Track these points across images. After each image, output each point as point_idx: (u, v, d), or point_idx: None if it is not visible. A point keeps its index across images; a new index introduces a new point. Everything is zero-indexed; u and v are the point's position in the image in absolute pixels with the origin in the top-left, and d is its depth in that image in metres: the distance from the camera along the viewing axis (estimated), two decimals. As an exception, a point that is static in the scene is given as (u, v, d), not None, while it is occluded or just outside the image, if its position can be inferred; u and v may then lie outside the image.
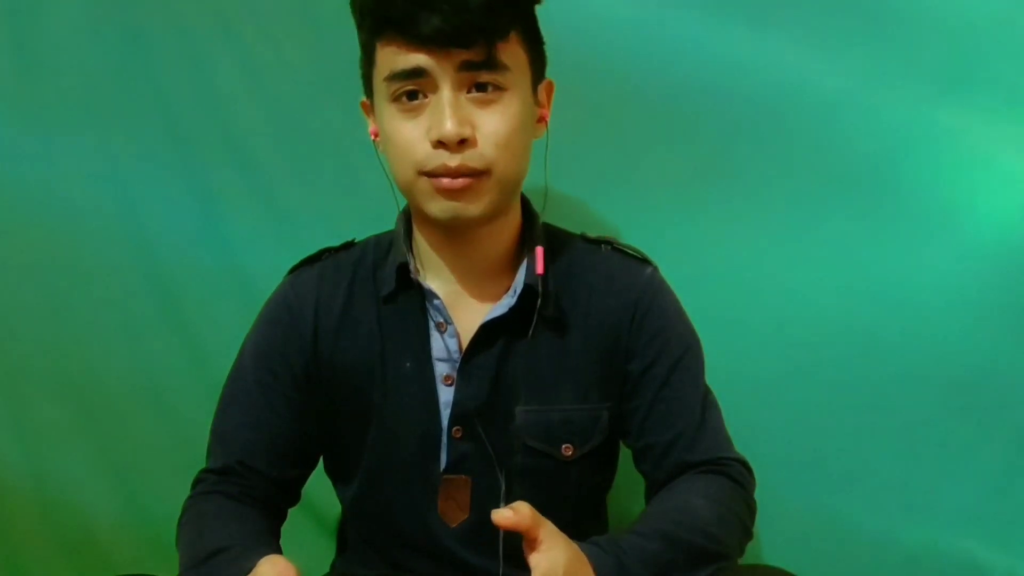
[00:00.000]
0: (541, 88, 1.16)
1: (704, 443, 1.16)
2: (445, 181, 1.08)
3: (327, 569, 1.28)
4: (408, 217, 1.20)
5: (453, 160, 1.07)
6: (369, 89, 1.15)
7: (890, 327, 1.40)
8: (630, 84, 1.43)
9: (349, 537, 1.28)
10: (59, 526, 1.53)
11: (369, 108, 1.17)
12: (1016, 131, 1.37)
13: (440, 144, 1.07)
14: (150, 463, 1.51)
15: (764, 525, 1.41)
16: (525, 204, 1.21)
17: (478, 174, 1.08)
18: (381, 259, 1.20)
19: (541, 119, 1.17)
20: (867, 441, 1.40)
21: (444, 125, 1.06)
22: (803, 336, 1.42)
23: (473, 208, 1.09)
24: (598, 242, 1.24)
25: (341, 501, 1.28)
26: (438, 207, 1.10)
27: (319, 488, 1.41)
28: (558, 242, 1.22)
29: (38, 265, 1.51)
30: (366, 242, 1.24)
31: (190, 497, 1.17)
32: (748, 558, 1.38)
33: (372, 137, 1.17)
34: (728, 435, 1.19)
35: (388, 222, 1.24)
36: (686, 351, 1.19)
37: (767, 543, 1.43)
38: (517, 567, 1.12)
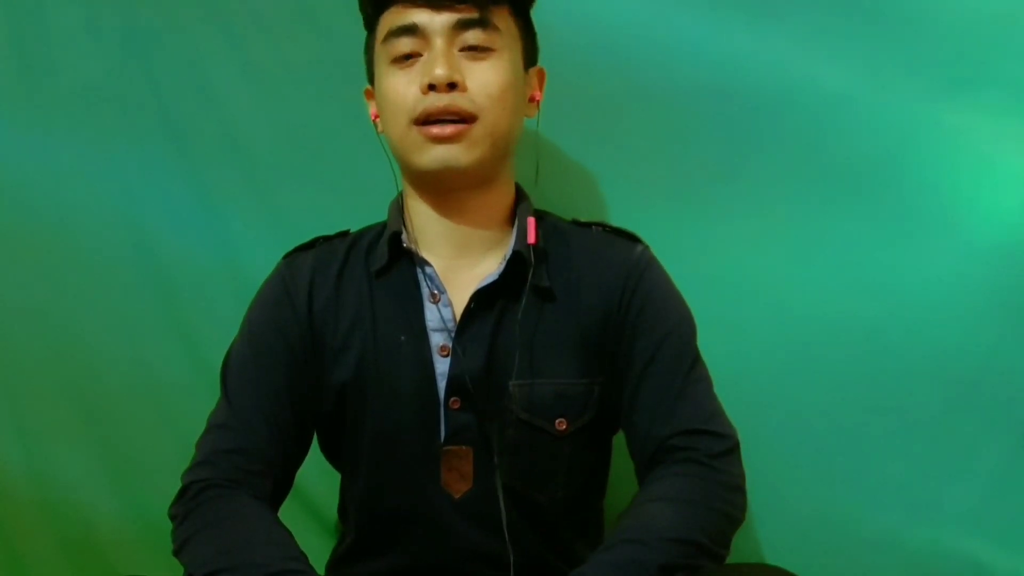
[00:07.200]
0: (532, 72, 1.22)
1: (680, 415, 1.15)
2: (435, 129, 1.13)
3: (324, 567, 1.28)
4: (401, 199, 1.23)
5: (442, 100, 1.12)
6: (371, 74, 1.21)
7: (892, 326, 1.40)
8: (631, 84, 1.43)
9: (347, 529, 1.28)
10: (59, 526, 1.53)
11: (371, 94, 1.23)
12: (1019, 130, 1.37)
13: (431, 89, 1.12)
14: (150, 463, 1.51)
15: (764, 525, 1.42)
16: (518, 187, 1.25)
17: (467, 119, 1.13)
18: (375, 240, 1.23)
19: (532, 99, 1.22)
20: (868, 440, 1.40)
21: (435, 69, 1.12)
22: (804, 335, 1.41)
23: (464, 157, 1.14)
24: (589, 224, 1.27)
25: (341, 486, 1.28)
26: (429, 156, 1.14)
27: (318, 485, 1.41)
28: (550, 223, 1.25)
29: (38, 265, 1.51)
30: (360, 230, 1.27)
31: (196, 497, 1.13)
32: (749, 557, 1.39)
33: (372, 119, 1.23)
34: (714, 408, 1.18)
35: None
36: (674, 327, 1.20)
37: (767, 543, 1.42)
38: (518, 542, 1.15)
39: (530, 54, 1.22)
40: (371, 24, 1.21)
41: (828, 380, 1.41)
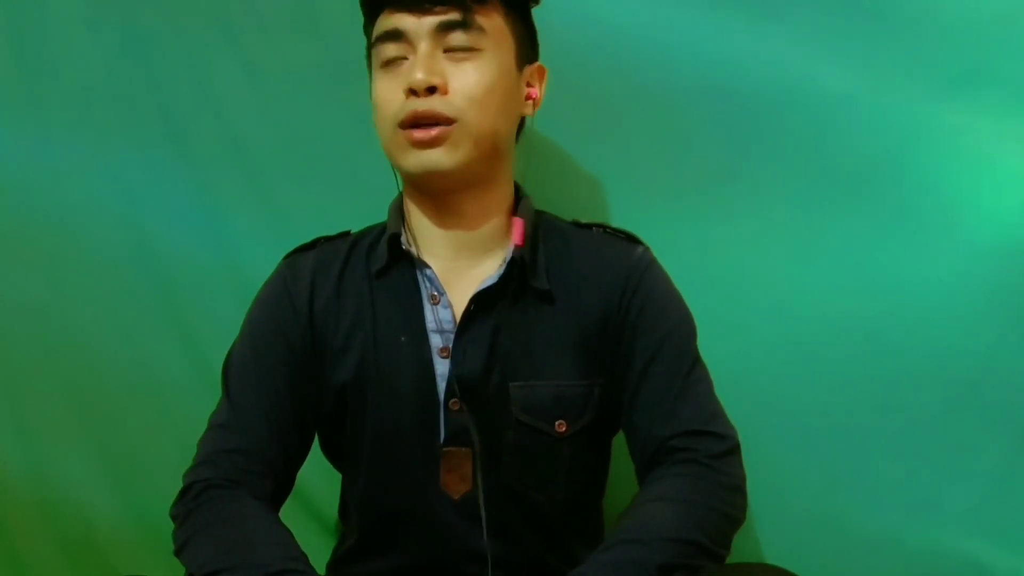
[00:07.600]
0: (530, 70, 1.21)
1: (680, 416, 1.16)
2: (417, 132, 1.12)
3: (324, 567, 1.28)
4: (401, 200, 1.23)
5: (422, 105, 1.12)
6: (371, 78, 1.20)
7: (892, 326, 1.40)
8: (631, 84, 1.43)
9: (348, 529, 1.28)
10: (59, 526, 1.54)
11: None
12: (1019, 130, 1.37)
13: (412, 93, 1.12)
14: (150, 463, 1.51)
15: (764, 525, 1.42)
16: (519, 187, 1.24)
17: (447, 122, 1.12)
18: (376, 241, 1.23)
19: (529, 97, 1.21)
20: (868, 441, 1.40)
21: (415, 74, 1.12)
22: (805, 336, 1.41)
23: (445, 159, 1.13)
24: (589, 225, 1.27)
25: (342, 486, 1.28)
26: (412, 160, 1.14)
27: (318, 485, 1.41)
28: (549, 224, 1.25)
29: (38, 265, 1.51)
30: (362, 231, 1.27)
31: (198, 497, 1.13)
32: (749, 557, 1.39)
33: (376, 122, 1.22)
34: (714, 408, 1.18)
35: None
36: (674, 327, 1.20)
37: (767, 543, 1.42)
38: (518, 542, 1.17)
39: (525, 52, 1.20)
40: (367, 29, 1.21)
41: (828, 380, 1.41)
